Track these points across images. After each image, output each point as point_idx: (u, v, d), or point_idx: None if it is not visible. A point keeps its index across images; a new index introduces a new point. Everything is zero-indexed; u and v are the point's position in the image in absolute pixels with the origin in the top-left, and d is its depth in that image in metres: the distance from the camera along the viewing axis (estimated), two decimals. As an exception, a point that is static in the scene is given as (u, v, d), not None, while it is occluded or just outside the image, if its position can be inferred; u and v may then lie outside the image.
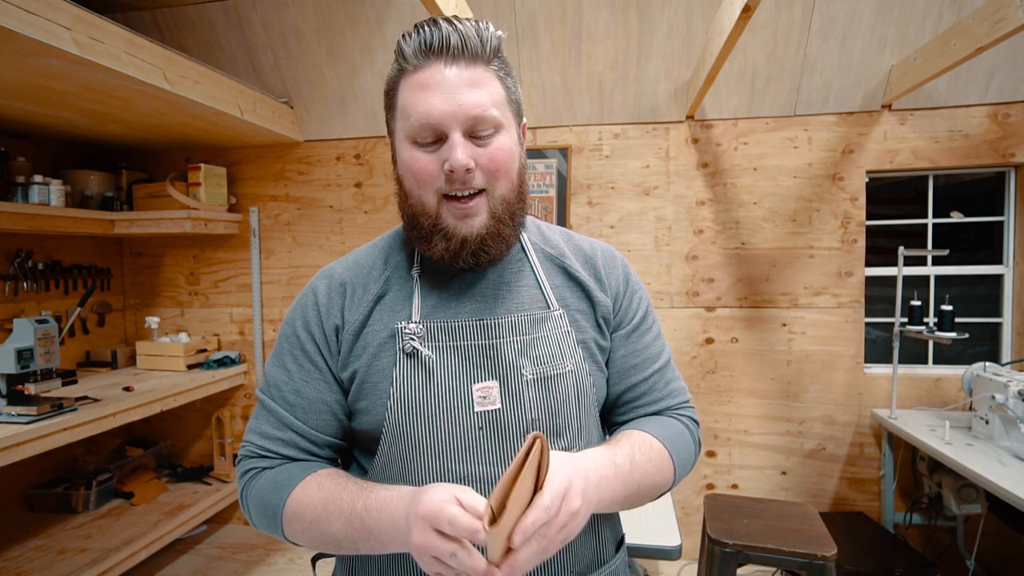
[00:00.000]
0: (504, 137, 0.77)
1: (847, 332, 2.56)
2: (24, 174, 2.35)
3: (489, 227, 0.78)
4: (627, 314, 0.90)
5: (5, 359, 1.88)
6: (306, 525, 0.74)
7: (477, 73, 0.75)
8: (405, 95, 0.76)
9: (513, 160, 0.79)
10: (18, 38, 1.49)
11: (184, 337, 2.89)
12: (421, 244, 0.81)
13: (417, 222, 0.79)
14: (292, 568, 2.66)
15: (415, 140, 0.76)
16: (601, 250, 0.93)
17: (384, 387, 0.79)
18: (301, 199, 2.95)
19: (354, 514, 0.70)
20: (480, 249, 0.78)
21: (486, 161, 0.76)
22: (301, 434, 0.81)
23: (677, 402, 0.91)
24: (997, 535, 2.34)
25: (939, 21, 2.24)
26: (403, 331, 0.79)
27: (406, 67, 0.76)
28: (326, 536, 0.73)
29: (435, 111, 0.73)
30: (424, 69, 0.75)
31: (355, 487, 0.73)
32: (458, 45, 0.74)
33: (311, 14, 2.52)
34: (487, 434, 0.78)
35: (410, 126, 0.75)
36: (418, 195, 0.78)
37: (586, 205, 2.71)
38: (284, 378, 0.83)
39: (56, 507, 2.50)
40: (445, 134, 0.74)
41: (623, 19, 2.40)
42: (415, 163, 0.76)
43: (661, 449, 0.81)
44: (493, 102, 0.75)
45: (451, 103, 0.73)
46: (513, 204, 0.80)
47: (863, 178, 2.53)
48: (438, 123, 0.74)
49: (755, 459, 2.66)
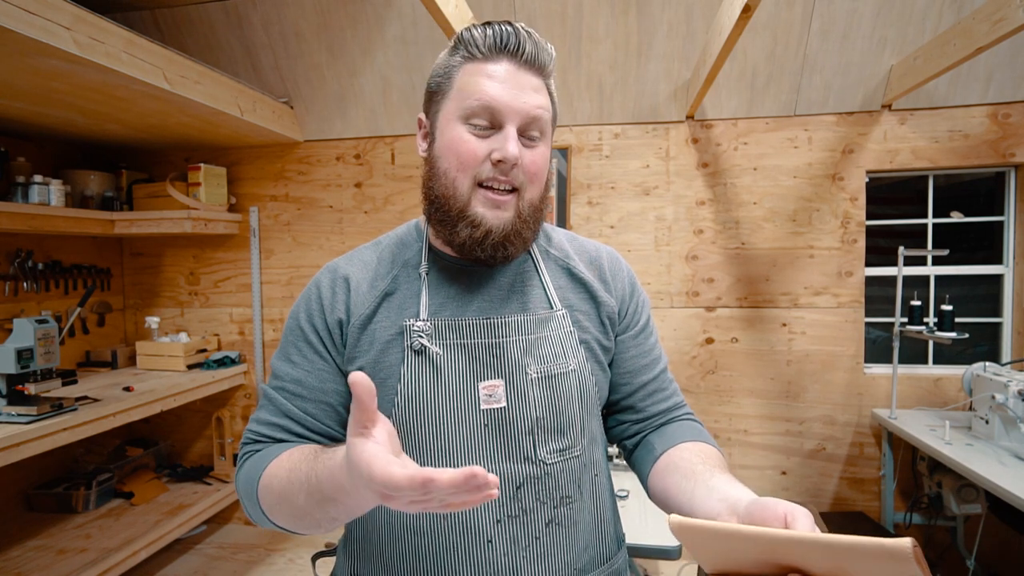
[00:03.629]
0: (545, 147, 0.81)
1: (847, 332, 2.56)
2: (24, 174, 2.35)
3: (515, 224, 0.79)
4: (634, 317, 0.92)
5: (5, 359, 1.88)
6: (276, 498, 0.71)
7: (539, 83, 0.79)
8: (467, 78, 0.77)
9: (546, 170, 0.83)
10: (18, 38, 1.48)
11: (184, 337, 2.89)
12: (443, 228, 0.81)
13: (445, 205, 0.80)
14: (292, 568, 2.66)
15: (468, 120, 0.77)
16: (607, 253, 0.95)
17: (391, 383, 0.80)
18: (301, 199, 2.95)
19: (311, 483, 0.65)
20: (501, 243, 0.79)
21: (528, 163, 0.78)
22: (297, 420, 0.81)
23: (681, 401, 0.94)
24: (997, 535, 2.34)
25: (939, 21, 2.24)
26: (411, 328, 0.80)
27: (475, 55, 0.77)
28: (297, 509, 0.68)
29: (500, 98, 0.75)
30: (495, 62, 0.77)
31: (312, 455, 0.68)
32: (532, 53, 0.77)
33: (311, 14, 2.52)
34: (492, 431, 0.79)
35: (468, 105, 0.76)
36: (453, 177, 0.78)
37: (586, 205, 2.71)
38: (287, 369, 0.84)
39: (56, 507, 2.50)
40: (501, 124, 0.76)
41: (623, 19, 2.40)
42: (462, 144, 0.77)
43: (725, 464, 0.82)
44: (547, 109, 0.80)
45: (516, 98, 0.76)
46: (538, 210, 0.83)
47: (863, 178, 2.53)
48: (499, 110, 0.75)
49: (755, 459, 2.66)
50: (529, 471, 0.79)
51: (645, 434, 0.90)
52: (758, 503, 0.58)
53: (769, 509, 0.56)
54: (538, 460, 0.80)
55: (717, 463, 0.76)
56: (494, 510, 0.78)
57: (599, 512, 0.87)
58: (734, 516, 0.60)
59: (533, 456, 0.80)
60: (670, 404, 0.92)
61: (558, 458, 0.81)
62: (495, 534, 0.78)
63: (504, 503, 0.78)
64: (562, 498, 0.81)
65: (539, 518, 0.80)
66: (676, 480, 0.75)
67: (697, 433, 0.86)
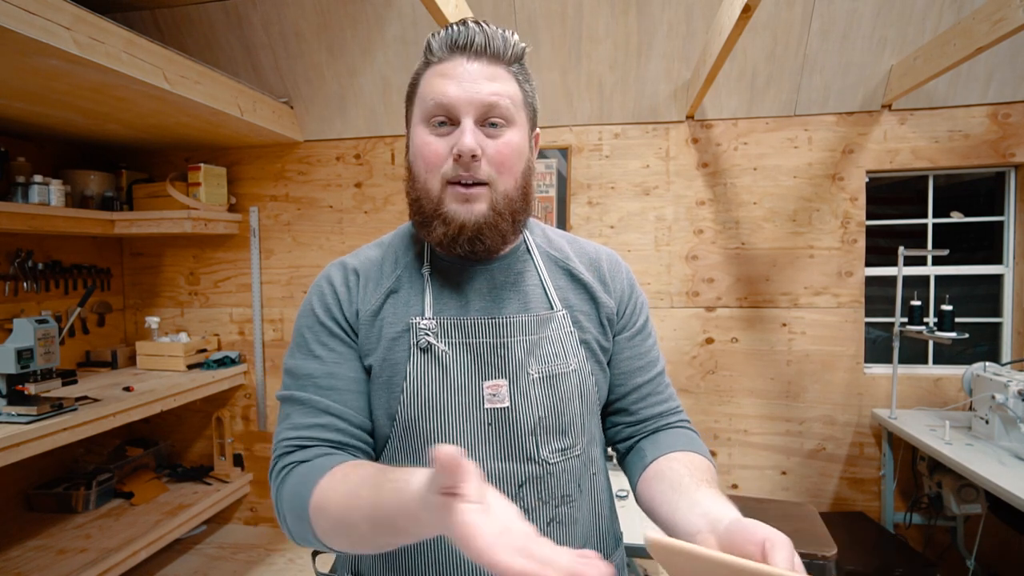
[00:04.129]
0: (514, 134, 0.79)
1: (847, 332, 2.56)
2: (24, 174, 2.35)
3: (488, 217, 0.79)
4: (632, 318, 0.92)
5: (5, 359, 1.88)
6: (333, 524, 0.67)
7: (497, 71, 0.79)
8: (425, 83, 0.80)
9: (519, 159, 0.80)
10: (18, 38, 1.48)
11: (184, 337, 2.89)
12: (423, 229, 0.82)
13: (420, 206, 0.81)
14: (292, 568, 2.66)
15: (428, 121, 0.78)
16: (606, 254, 0.95)
17: (397, 381, 0.80)
18: (301, 199, 2.95)
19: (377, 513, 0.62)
20: (476, 237, 0.79)
21: (493, 153, 0.77)
22: (341, 416, 0.78)
23: (676, 406, 0.93)
24: (997, 535, 2.34)
25: (939, 21, 2.24)
26: (417, 326, 0.80)
27: (431, 60, 0.80)
28: (359, 537, 0.65)
29: (450, 93, 0.76)
30: (447, 61, 0.78)
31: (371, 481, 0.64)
32: (482, 43, 0.77)
33: (311, 14, 2.52)
34: (495, 431, 0.79)
35: (425, 107, 0.78)
36: (424, 179, 0.79)
37: (586, 205, 2.71)
38: (315, 366, 0.80)
39: (56, 507, 2.50)
40: (458, 119, 0.77)
41: (623, 19, 2.40)
42: (426, 146, 0.78)
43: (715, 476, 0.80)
44: (508, 95, 0.78)
45: (467, 90, 0.76)
46: (515, 202, 0.81)
47: (863, 178, 2.53)
48: (452, 105, 0.76)
49: (755, 459, 2.66)
50: (531, 471, 0.80)
51: (637, 439, 0.89)
52: (738, 524, 0.57)
53: (748, 532, 0.55)
54: (540, 460, 0.80)
55: (705, 475, 0.76)
56: None
57: (598, 510, 0.87)
58: (713, 534, 0.59)
59: (535, 456, 0.80)
60: (664, 409, 0.91)
61: (560, 458, 0.81)
62: None
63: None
64: (563, 497, 0.81)
65: (540, 517, 0.80)
66: (662, 490, 0.75)
67: (689, 442, 0.86)
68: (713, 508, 0.65)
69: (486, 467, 0.78)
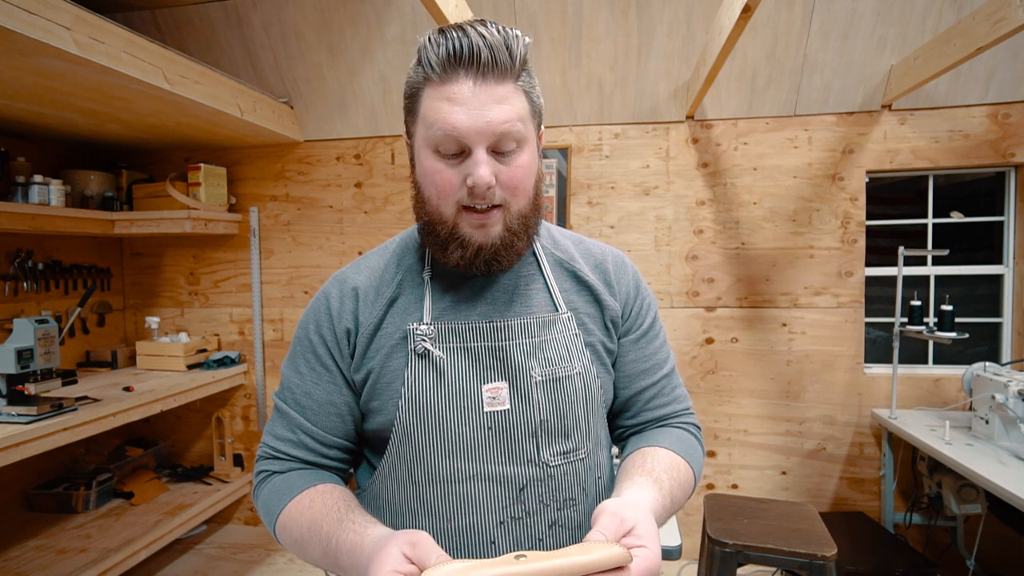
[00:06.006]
0: (525, 154, 0.77)
1: (847, 332, 2.56)
2: (24, 174, 2.35)
3: (504, 238, 0.78)
4: (637, 320, 0.91)
5: (5, 359, 1.88)
6: (292, 542, 0.78)
7: (506, 90, 0.73)
8: (429, 104, 0.74)
9: (531, 176, 0.79)
10: (18, 38, 1.48)
11: (184, 337, 2.89)
12: (437, 251, 0.82)
13: (434, 230, 0.80)
14: (292, 568, 2.66)
15: (437, 150, 0.75)
16: (612, 255, 0.95)
17: (396, 387, 0.80)
18: (301, 199, 2.95)
19: (329, 547, 0.72)
20: (493, 258, 0.79)
21: (506, 179, 0.75)
22: (310, 435, 0.84)
23: (682, 408, 0.93)
24: (997, 535, 2.34)
25: (939, 21, 2.24)
26: (415, 332, 0.81)
27: (431, 76, 0.73)
28: (309, 558, 0.77)
29: (461, 125, 0.71)
30: (451, 83, 0.72)
31: (335, 516, 0.74)
32: (488, 61, 0.71)
33: (311, 14, 2.52)
34: (495, 434, 0.79)
35: (433, 135, 0.74)
36: (436, 204, 0.78)
37: (586, 205, 2.72)
38: (296, 381, 0.86)
39: (56, 507, 2.50)
40: (469, 148, 0.73)
41: (623, 19, 2.40)
42: (437, 175, 0.76)
43: (688, 472, 0.83)
44: (519, 117, 0.74)
45: (478, 119, 0.71)
46: (529, 217, 0.81)
47: (863, 178, 2.53)
48: (463, 137, 0.72)
49: (755, 459, 2.66)
50: (532, 474, 0.79)
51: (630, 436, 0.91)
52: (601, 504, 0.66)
53: (598, 509, 0.65)
54: (541, 463, 0.80)
55: (659, 468, 0.78)
56: (497, 512, 0.78)
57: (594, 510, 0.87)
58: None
59: (536, 459, 0.80)
60: (667, 412, 0.91)
61: (562, 461, 0.81)
62: (498, 536, 0.78)
63: (507, 505, 0.78)
64: (565, 500, 0.81)
65: (542, 520, 0.80)
66: (617, 481, 0.79)
67: (676, 439, 0.86)
68: (623, 493, 0.72)
69: (485, 471, 0.78)
